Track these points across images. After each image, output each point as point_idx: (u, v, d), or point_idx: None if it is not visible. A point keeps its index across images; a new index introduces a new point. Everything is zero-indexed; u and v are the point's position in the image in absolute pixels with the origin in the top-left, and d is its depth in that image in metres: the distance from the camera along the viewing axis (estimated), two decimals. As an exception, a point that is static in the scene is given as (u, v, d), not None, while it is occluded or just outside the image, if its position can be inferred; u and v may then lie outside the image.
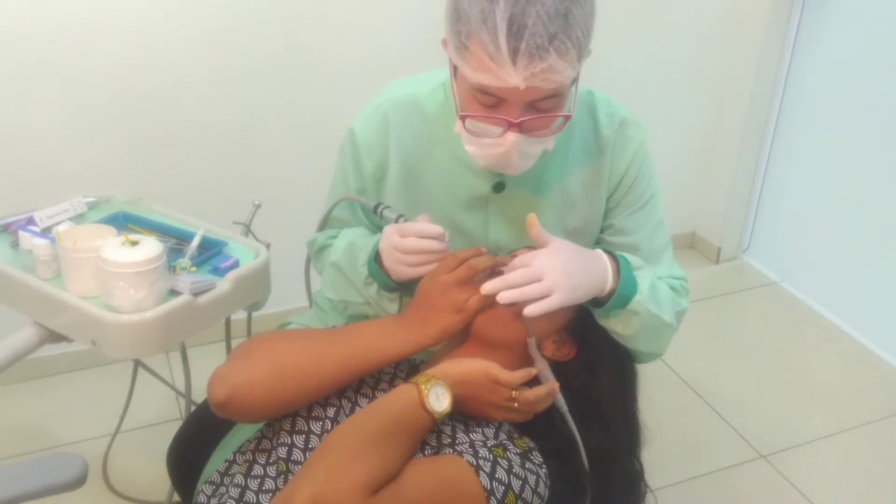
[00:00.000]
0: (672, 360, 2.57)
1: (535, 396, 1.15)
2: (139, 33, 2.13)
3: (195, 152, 2.32)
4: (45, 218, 1.51)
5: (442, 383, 1.09)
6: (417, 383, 1.09)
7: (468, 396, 1.13)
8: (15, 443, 2.19)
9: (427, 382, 1.09)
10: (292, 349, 1.20)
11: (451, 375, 1.12)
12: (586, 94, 1.42)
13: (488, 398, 1.14)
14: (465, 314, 1.18)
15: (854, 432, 2.31)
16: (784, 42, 2.79)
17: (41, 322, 1.44)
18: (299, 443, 1.17)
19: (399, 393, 1.10)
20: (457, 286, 1.19)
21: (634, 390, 1.32)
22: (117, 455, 1.93)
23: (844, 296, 2.78)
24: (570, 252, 1.19)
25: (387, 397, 1.11)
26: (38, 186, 2.15)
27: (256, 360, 1.19)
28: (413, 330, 1.20)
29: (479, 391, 1.13)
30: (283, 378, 1.17)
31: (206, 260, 1.50)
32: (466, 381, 1.12)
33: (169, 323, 1.36)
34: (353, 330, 1.26)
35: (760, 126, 2.94)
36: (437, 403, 1.08)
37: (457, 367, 1.14)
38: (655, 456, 1.38)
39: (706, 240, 3.18)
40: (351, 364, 1.19)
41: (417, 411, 1.07)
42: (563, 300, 1.14)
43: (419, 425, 1.08)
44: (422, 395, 1.07)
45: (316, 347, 1.20)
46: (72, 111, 2.15)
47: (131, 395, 1.83)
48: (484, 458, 1.07)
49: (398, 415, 1.07)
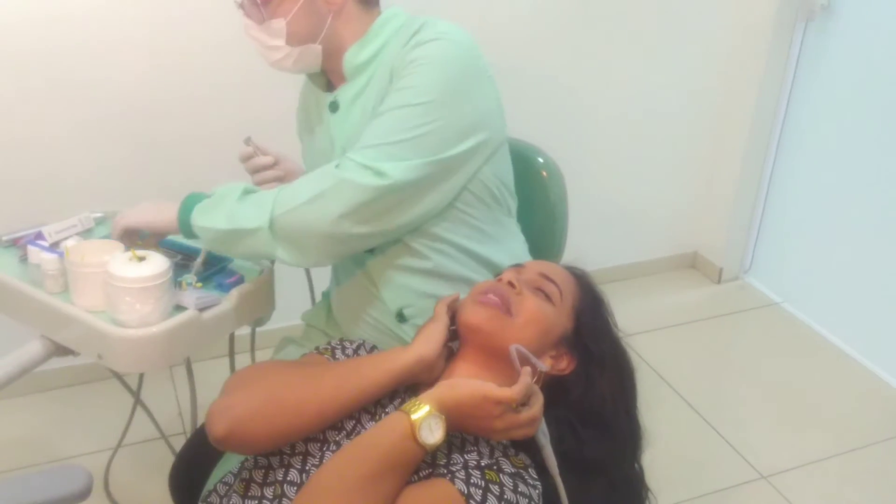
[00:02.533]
0: (673, 379, 2.58)
1: (528, 418, 1.12)
2: (147, 50, 2.15)
3: (202, 167, 2.32)
4: (53, 233, 1.53)
5: (435, 413, 1.07)
6: (409, 413, 1.06)
7: (465, 420, 1.11)
8: (18, 456, 2.19)
9: (419, 411, 1.06)
10: (288, 377, 1.20)
11: (446, 402, 1.09)
12: (414, 21, 1.40)
13: (486, 422, 1.11)
14: (439, 319, 1.24)
15: (855, 454, 2.31)
16: (786, 64, 2.81)
17: (48, 335, 1.45)
18: (296, 464, 1.17)
19: (391, 425, 1.07)
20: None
21: (634, 396, 1.32)
22: (119, 469, 1.94)
23: (846, 317, 2.79)
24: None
25: (379, 429, 1.08)
26: (46, 201, 2.17)
27: (254, 392, 1.17)
28: (397, 348, 1.23)
29: (476, 414, 1.10)
30: (280, 408, 1.15)
31: (211, 276, 1.52)
32: (461, 405, 1.09)
33: (174, 338, 1.37)
34: (350, 360, 1.28)
35: (762, 147, 2.96)
36: (429, 436, 1.06)
37: (452, 392, 1.10)
38: (655, 475, 1.38)
39: (708, 260, 3.20)
40: (347, 384, 1.18)
41: (409, 445, 1.06)
42: (128, 223, 1.46)
43: (411, 458, 1.07)
44: (414, 428, 1.05)
45: (312, 374, 1.21)
46: (80, 127, 2.18)
47: (134, 411, 1.84)
48: (475, 484, 1.06)
49: (391, 450, 1.05)
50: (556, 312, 1.24)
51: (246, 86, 2.25)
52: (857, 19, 2.60)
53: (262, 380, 1.21)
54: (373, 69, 1.43)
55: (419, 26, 1.38)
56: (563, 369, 1.24)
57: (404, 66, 1.33)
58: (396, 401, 1.22)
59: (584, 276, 1.34)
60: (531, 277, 1.27)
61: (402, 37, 1.40)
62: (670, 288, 3.14)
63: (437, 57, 1.33)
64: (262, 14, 1.39)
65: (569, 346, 1.25)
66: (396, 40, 1.41)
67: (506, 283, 1.25)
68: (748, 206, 3.06)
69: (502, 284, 1.25)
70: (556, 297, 1.25)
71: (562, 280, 1.28)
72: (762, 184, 3.03)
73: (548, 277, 1.27)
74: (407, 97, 1.31)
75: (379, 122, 1.32)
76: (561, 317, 1.25)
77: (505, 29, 2.49)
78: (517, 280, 1.25)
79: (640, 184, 2.94)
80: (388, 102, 1.33)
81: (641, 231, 3.04)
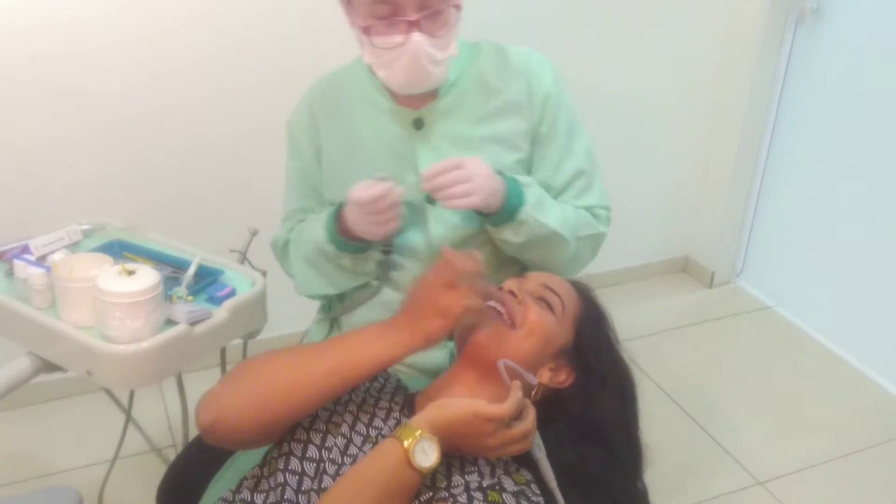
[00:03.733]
0: (666, 384, 2.57)
1: (521, 432, 1.11)
2: (138, 59, 2.13)
3: (190, 178, 2.31)
4: (40, 246, 1.50)
5: (428, 436, 1.05)
6: (401, 439, 1.04)
7: (458, 440, 1.09)
8: (8, 471, 2.16)
9: (411, 436, 1.04)
10: (277, 365, 1.18)
11: (437, 423, 1.07)
12: (493, 46, 1.50)
13: (479, 440, 1.09)
14: (448, 319, 1.15)
15: (851, 458, 2.31)
16: (776, 67, 2.81)
17: (36, 352, 1.43)
18: (293, 483, 1.15)
19: (384, 453, 1.05)
20: (443, 290, 1.15)
21: (635, 413, 1.31)
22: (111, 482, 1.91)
23: (839, 320, 2.79)
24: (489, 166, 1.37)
25: (373, 459, 1.06)
26: (33, 211, 2.15)
27: (242, 382, 1.18)
28: (400, 332, 1.16)
29: (469, 432, 1.08)
30: (268, 395, 1.15)
31: (202, 288, 1.49)
32: (452, 425, 1.07)
33: (165, 353, 1.35)
34: (339, 339, 1.23)
35: (753, 150, 2.95)
36: (424, 459, 1.04)
37: (442, 412, 1.08)
38: (650, 482, 1.37)
39: (700, 264, 3.19)
40: (337, 373, 1.16)
41: (405, 471, 1.03)
42: (481, 202, 1.32)
43: (409, 484, 1.05)
44: (407, 454, 1.03)
45: (301, 361, 1.18)
46: (65, 137, 2.15)
47: (127, 426, 1.81)
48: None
49: (386, 481, 1.03)
50: (557, 323, 1.23)
51: (240, 96, 2.23)
52: (847, 22, 2.60)
53: (252, 370, 1.19)
54: (462, 87, 1.45)
55: (496, 50, 1.48)
56: (563, 382, 1.22)
57: (550, 86, 1.46)
58: (391, 421, 1.20)
59: (588, 291, 1.33)
60: (533, 287, 1.26)
61: (487, 56, 1.47)
62: (662, 292, 3.13)
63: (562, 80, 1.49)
64: (443, 24, 1.34)
65: (568, 360, 1.23)
66: (484, 58, 1.47)
67: (507, 292, 1.23)
68: (739, 209, 3.06)
69: (503, 293, 1.23)
70: (557, 308, 1.24)
71: (564, 292, 1.27)
72: (753, 187, 3.03)
73: (550, 288, 1.26)
74: (579, 132, 1.50)
75: (578, 164, 1.49)
76: (562, 328, 1.23)
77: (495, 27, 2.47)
78: (519, 289, 1.24)
79: (630, 188, 2.93)
80: (571, 145, 1.48)
81: (632, 236, 3.03)
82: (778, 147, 2.94)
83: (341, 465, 1.15)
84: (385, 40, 1.33)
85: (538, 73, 1.46)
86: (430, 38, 1.32)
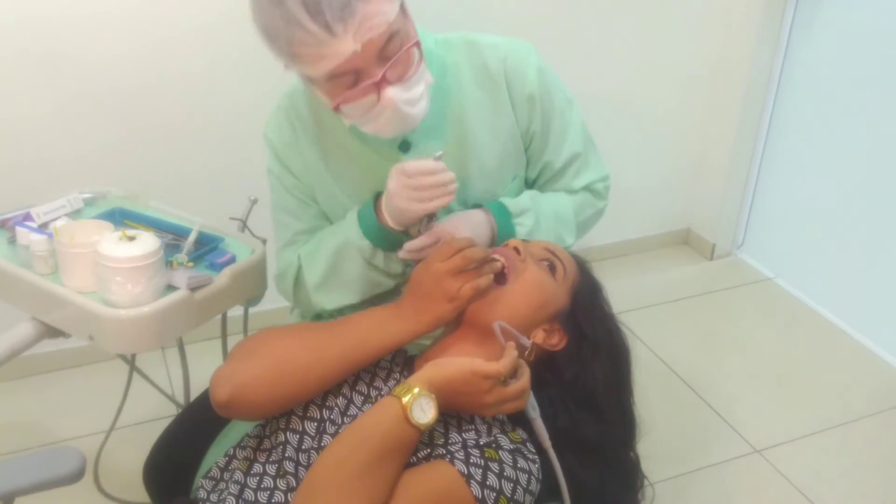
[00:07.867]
0: (666, 355, 2.58)
1: (517, 390, 1.13)
2: (133, 27, 2.12)
3: (191, 147, 2.32)
4: (42, 214, 1.51)
5: (425, 393, 1.07)
6: (399, 396, 1.06)
7: (455, 398, 1.11)
8: (9, 440, 2.19)
9: (409, 394, 1.06)
10: (292, 345, 1.21)
11: (435, 381, 1.09)
12: (463, 39, 1.45)
13: (476, 398, 1.11)
14: (458, 302, 1.19)
15: (848, 427, 2.33)
16: (777, 40, 2.80)
17: (39, 317, 1.44)
18: (293, 442, 1.18)
19: (382, 410, 1.07)
20: (450, 275, 1.19)
21: (629, 381, 1.33)
22: (111, 452, 1.93)
23: (838, 292, 2.79)
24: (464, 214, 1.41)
25: (370, 417, 1.08)
26: (32, 181, 2.15)
27: (257, 359, 1.20)
28: (408, 319, 1.21)
29: (466, 390, 1.10)
30: (284, 374, 1.18)
31: (202, 255, 1.51)
32: (451, 383, 1.09)
33: (166, 318, 1.37)
34: (349, 322, 1.26)
35: (754, 122, 2.95)
36: (421, 416, 1.06)
37: (440, 371, 1.10)
38: (650, 451, 1.39)
39: (700, 236, 3.20)
40: (350, 357, 1.20)
41: (403, 428, 1.05)
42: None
43: (407, 441, 1.07)
44: (405, 410, 1.05)
45: (315, 342, 1.21)
46: (66, 106, 2.15)
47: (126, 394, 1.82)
48: (475, 464, 1.06)
49: (384, 437, 1.05)
50: (555, 286, 1.25)
51: (239, 65, 2.22)
52: (850, -7, 2.59)
53: (268, 347, 1.22)
54: (441, 101, 1.39)
55: (467, 44, 1.43)
56: (555, 345, 1.24)
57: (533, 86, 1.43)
58: (391, 382, 1.23)
59: (586, 264, 1.35)
60: (537, 250, 1.29)
61: (466, 61, 1.42)
62: (663, 264, 3.14)
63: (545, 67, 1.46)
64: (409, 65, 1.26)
65: (562, 323, 1.25)
66: (466, 67, 1.42)
67: (511, 248, 1.25)
68: (740, 181, 3.06)
69: (508, 249, 1.25)
70: (559, 272, 1.26)
71: (566, 258, 1.29)
72: (754, 159, 3.03)
73: (553, 253, 1.28)
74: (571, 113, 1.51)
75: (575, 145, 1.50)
76: (559, 292, 1.25)
77: (494, 16, 2.46)
78: (523, 248, 1.26)
79: (631, 160, 2.93)
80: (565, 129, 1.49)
81: (634, 208, 3.03)
82: (779, 120, 2.93)
83: (341, 424, 1.18)
84: (359, 105, 1.26)
85: (518, 74, 1.42)
86: (401, 84, 1.25)
